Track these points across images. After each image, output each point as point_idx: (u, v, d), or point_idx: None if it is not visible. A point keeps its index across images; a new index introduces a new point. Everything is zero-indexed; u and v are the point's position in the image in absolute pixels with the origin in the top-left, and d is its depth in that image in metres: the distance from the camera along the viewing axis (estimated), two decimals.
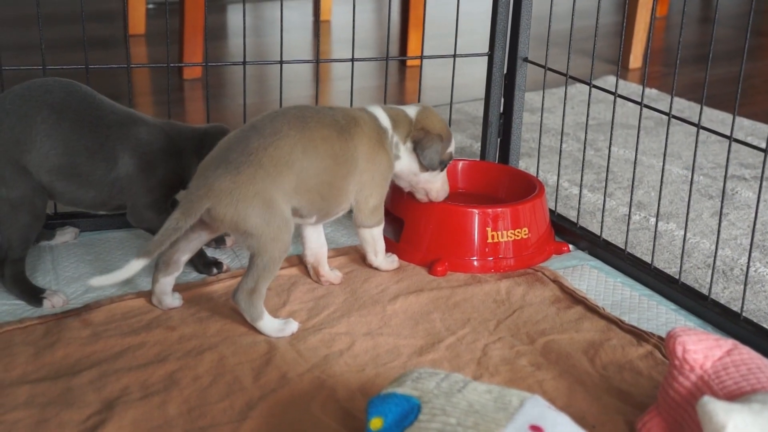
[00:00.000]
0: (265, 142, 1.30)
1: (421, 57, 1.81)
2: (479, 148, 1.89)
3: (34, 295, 1.39)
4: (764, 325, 1.38)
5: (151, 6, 3.25)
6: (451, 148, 1.52)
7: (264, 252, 1.29)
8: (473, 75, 2.27)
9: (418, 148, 1.46)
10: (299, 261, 1.54)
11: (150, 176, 1.44)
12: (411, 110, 1.50)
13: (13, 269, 1.40)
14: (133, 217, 1.46)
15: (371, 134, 1.42)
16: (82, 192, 1.42)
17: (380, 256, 1.51)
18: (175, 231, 1.26)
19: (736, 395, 1.00)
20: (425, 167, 1.48)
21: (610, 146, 1.61)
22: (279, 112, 1.36)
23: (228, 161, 1.29)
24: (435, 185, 1.52)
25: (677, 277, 1.49)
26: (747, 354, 1.06)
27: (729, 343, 1.08)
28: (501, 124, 1.83)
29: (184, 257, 1.37)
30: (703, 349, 1.06)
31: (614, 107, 1.59)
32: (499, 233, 1.55)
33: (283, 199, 1.31)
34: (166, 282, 1.37)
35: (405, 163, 1.49)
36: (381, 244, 1.50)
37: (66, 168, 1.39)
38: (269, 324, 1.32)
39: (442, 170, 1.51)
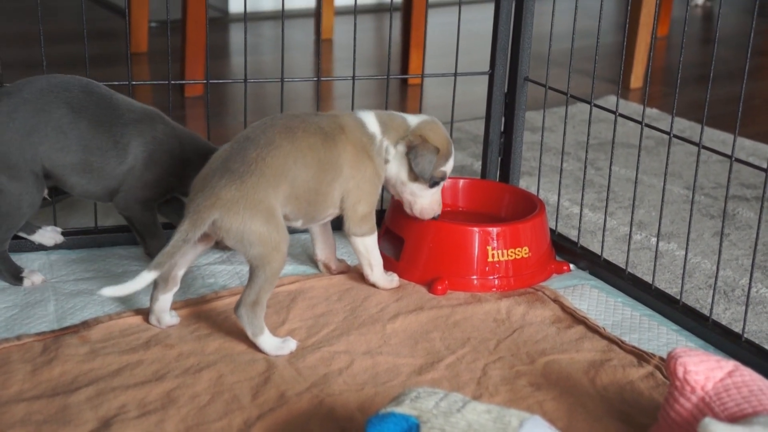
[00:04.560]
0: (263, 152, 1.32)
1: (422, 75, 1.82)
2: (480, 167, 1.89)
3: (14, 274, 1.48)
4: (766, 347, 1.38)
5: (153, 24, 3.26)
6: (446, 168, 1.50)
7: (266, 263, 1.29)
8: (474, 94, 2.27)
9: (410, 154, 1.45)
10: (297, 279, 1.54)
11: (151, 172, 1.48)
12: (414, 119, 1.49)
13: None
14: (121, 203, 1.49)
15: (355, 141, 1.43)
16: (92, 186, 1.48)
17: (377, 271, 1.50)
18: (185, 242, 1.27)
19: (737, 417, 0.99)
20: (415, 176, 1.46)
21: (611, 165, 1.61)
22: (268, 123, 1.38)
23: (231, 171, 1.30)
24: (421, 200, 1.49)
25: (678, 297, 1.49)
26: (749, 375, 1.05)
27: (730, 364, 1.07)
28: (502, 143, 1.82)
29: (181, 272, 1.37)
30: (704, 370, 1.05)
31: (615, 126, 1.59)
32: (500, 252, 1.54)
33: (279, 208, 1.33)
34: (165, 299, 1.37)
35: (393, 168, 1.48)
36: (375, 256, 1.49)
37: (79, 165, 1.45)
38: (269, 341, 1.32)
39: (431, 186, 1.49)
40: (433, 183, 1.48)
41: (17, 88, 1.44)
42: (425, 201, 1.50)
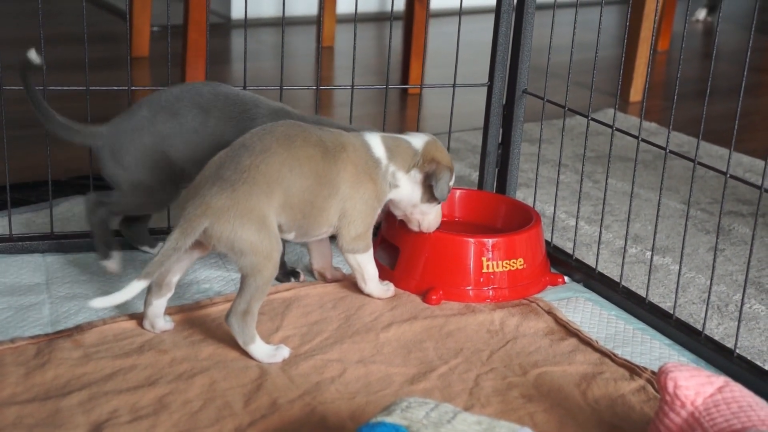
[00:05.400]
0: (257, 160, 1.32)
1: (421, 86, 1.82)
2: (477, 178, 1.89)
3: (106, 250, 1.54)
4: (758, 363, 1.38)
5: (155, 29, 3.27)
6: (452, 182, 1.52)
7: (257, 272, 1.29)
8: (473, 104, 2.28)
9: (432, 180, 1.46)
10: (292, 286, 1.54)
11: None
12: (417, 140, 1.48)
13: (107, 216, 1.54)
14: None
15: (357, 162, 1.42)
16: None
17: (370, 284, 1.51)
18: (175, 251, 1.26)
19: None
20: (431, 198, 1.48)
21: (607, 179, 1.62)
22: (267, 129, 1.37)
23: (223, 179, 1.30)
24: (429, 216, 1.52)
25: (672, 311, 1.49)
26: (738, 391, 1.06)
27: (721, 379, 1.07)
28: (499, 154, 1.83)
29: (176, 278, 1.37)
30: (694, 385, 1.06)
31: (611, 140, 1.60)
32: (495, 263, 1.55)
33: (273, 217, 1.32)
34: (159, 304, 1.37)
35: (405, 192, 1.48)
36: (369, 271, 1.50)
37: (207, 159, 1.48)
38: (261, 349, 1.32)
39: (439, 202, 1.51)
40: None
41: (157, 96, 1.53)
42: (432, 216, 1.52)
